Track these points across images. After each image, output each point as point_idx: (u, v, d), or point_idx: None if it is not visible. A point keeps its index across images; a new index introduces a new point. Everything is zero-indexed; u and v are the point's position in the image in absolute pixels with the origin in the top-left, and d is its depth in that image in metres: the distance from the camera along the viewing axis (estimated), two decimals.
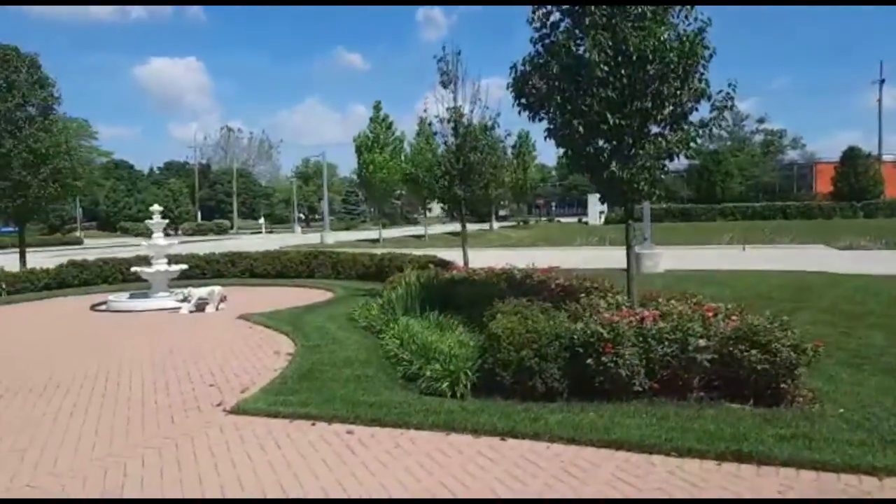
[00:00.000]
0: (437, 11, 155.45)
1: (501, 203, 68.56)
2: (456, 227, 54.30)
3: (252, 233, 76.34)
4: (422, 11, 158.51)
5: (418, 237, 46.54)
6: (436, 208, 65.82)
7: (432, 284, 11.78)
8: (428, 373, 7.51)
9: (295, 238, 56.12)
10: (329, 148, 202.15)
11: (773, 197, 71.38)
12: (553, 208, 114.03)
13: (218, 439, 6.12)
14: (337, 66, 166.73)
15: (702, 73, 8.42)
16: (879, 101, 79.40)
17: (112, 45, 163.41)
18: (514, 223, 70.83)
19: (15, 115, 18.17)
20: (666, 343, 6.84)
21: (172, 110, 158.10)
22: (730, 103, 8.55)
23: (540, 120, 9.22)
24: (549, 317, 7.75)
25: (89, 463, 5.64)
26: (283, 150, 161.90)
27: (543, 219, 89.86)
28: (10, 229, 63.93)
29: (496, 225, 60.12)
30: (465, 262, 14.21)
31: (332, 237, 47.02)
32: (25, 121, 18.44)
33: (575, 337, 7.09)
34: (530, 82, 8.93)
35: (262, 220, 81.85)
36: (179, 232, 75.76)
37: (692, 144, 8.67)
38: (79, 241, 54.62)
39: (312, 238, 49.82)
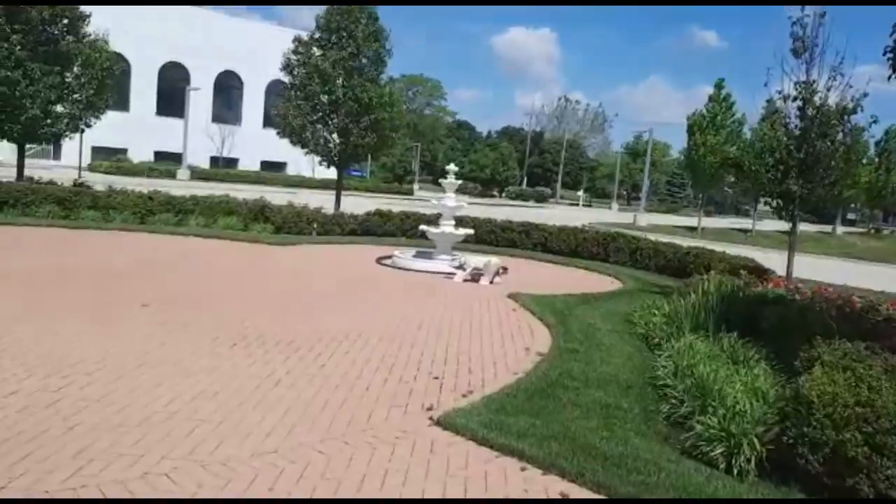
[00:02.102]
0: None
1: (852, 205, 59.31)
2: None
3: (570, 204, 76.09)
4: None
5: (744, 231, 41.96)
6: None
7: (736, 298, 9.41)
8: (698, 427, 5.52)
9: (610, 214, 54.43)
10: (666, 128, 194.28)
11: None
12: None
13: (402, 459, 4.89)
14: (688, 43, 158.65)
15: None
16: None
17: (479, 15, 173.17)
18: (862, 230, 61.07)
19: (348, 64, 18.89)
20: None
21: (520, 78, 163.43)
22: None
23: None
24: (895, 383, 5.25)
25: (244, 458, 4.74)
26: (616, 126, 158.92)
27: None
28: (358, 172, 71.50)
29: (840, 229, 52.14)
30: (788, 275, 11.42)
31: (647, 219, 44.37)
32: (357, 70, 19.10)
33: None
34: None
35: (581, 193, 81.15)
36: (503, 195, 78.28)
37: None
38: (409, 192, 58.53)
39: (627, 217, 47.61)
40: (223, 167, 59.09)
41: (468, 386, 6.66)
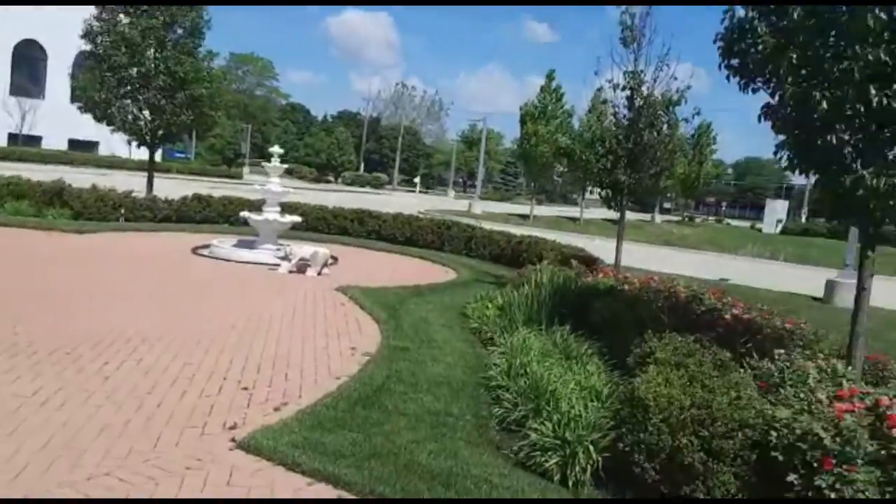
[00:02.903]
0: None
1: (668, 195, 63.67)
2: (616, 214, 50.65)
3: (407, 190, 76.10)
4: None
5: (573, 220, 43.57)
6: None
7: (569, 290, 9.23)
8: (533, 435, 5.09)
9: (446, 202, 54.81)
10: (500, 117, 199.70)
11: None
12: (723, 208, 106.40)
13: (191, 490, 4.05)
14: (522, 34, 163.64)
15: None
16: None
17: None
18: (678, 218, 65.76)
19: (161, 34, 17.15)
20: None
21: (357, 62, 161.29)
22: None
23: (755, 91, 6.44)
24: (728, 380, 5.06)
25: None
26: (453, 114, 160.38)
27: (711, 218, 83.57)
28: (182, 153, 67.23)
29: (658, 218, 55.71)
30: (617, 264, 11.50)
31: (482, 206, 44.96)
32: (171, 41, 17.41)
33: (774, 433, 4.41)
34: (751, 34, 6.16)
35: (418, 179, 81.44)
36: (339, 181, 76.90)
37: None
38: (239, 176, 55.68)
39: (462, 205, 48.06)
40: (22, 145, 52.89)
41: (282, 397, 5.86)
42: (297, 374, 6.52)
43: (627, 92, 11.31)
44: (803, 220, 65.30)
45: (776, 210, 62.77)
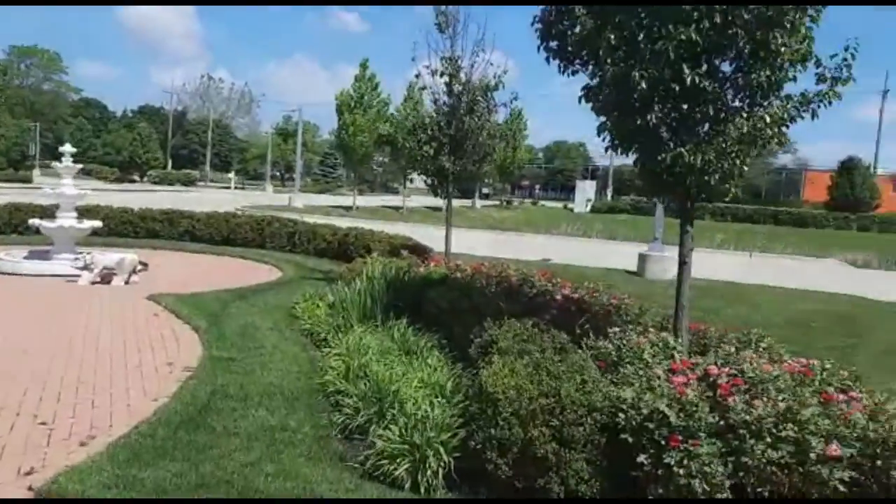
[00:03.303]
0: None
1: (487, 181, 65.62)
2: (437, 200, 51.23)
3: (222, 187, 72.77)
4: None
5: (396, 209, 43.62)
6: (418, 179, 62.99)
7: (402, 282, 8.98)
8: (379, 443, 4.76)
9: (264, 197, 52.90)
10: (315, 109, 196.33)
11: (759, 201, 68.91)
12: (537, 191, 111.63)
13: None
14: (331, 24, 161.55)
15: (808, 28, 5.76)
16: (881, 111, 76.82)
17: None
18: (496, 203, 68.00)
19: None
20: (767, 441, 4.15)
21: (156, 54, 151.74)
22: (846, 74, 5.80)
23: (574, 73, 6.48)
24: (572, 364, 5.02)
25: None
26: (266, 106, 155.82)
27: (527, 201, 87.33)
28: None
29: (479, 203, 57.26)
30: (447, 252, 11.42)
31: (303, 200, 43.80)
32: None
33: (622, 415, 4.38)
34: (568, 15, 6.18)
35: (232, 175, 78.17)
36: (146, 179, 72.02)
37: (786, 126, 5.98)
38: (28, 180, 50.38)
39: (282, 199, 46.58)
40: None
41: (89, 429, 5.11)
42: (106, 400, 5.75)
43: (446, 78, 11.20)
44: (609, 198, 69.96)
45: (585, 190, 66.71)
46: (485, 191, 74.60)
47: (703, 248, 28.04)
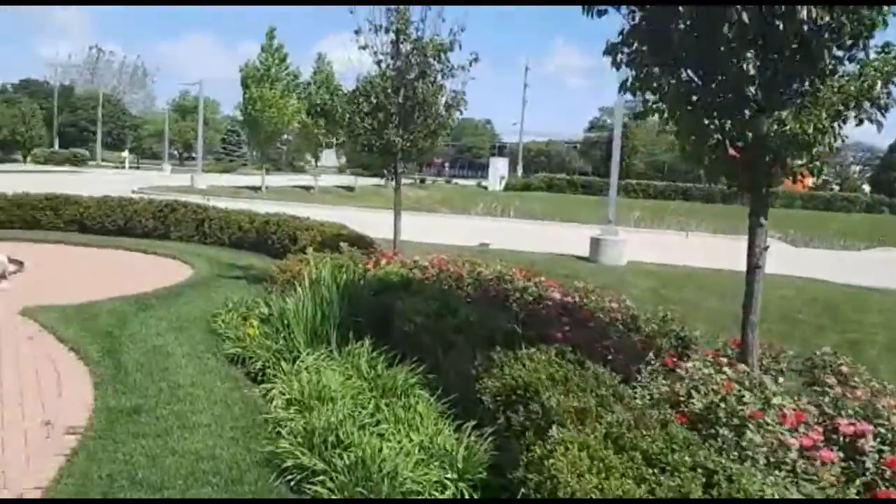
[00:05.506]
0: None
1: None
2: (349, 180, 48.83)
3: (114, 166, 67.75)
4: None
5: (306, 189, 41.00)
6: (328, 157, 60.28)
7: (356, 287, 7.08)
8: None
9: (163, 178, 49.06)
10: (214, 83, 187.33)
11: (665, 177, 69.64)
12: (446, 169, 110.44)
13: None
14: None
15: None
16: None
17: None
18: (410, 181, 66.11)
19: None
20: None
21: (39, 25, 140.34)
22: None
23: (602, 14, 4.84)
24: (671, 437, 3.36)
25: None
26: (161, 81, 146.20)
27: (440, 179, 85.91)
28: None
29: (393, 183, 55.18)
30: (395, 244, 9.59)
31: (206, 180, 40.43)
32: None
33: None
34: None
35: (125, 154, 73.01)
36: (29, 160, 66.14)
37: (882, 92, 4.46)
38: None
39: (183, 179, 43.08)
40: None
41: None
42: None
43: (391, 35, 9.34)
44: (520, 175, 69.24)
45: (498, 168, 65.58)
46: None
47: (624, 226, 27.16)
